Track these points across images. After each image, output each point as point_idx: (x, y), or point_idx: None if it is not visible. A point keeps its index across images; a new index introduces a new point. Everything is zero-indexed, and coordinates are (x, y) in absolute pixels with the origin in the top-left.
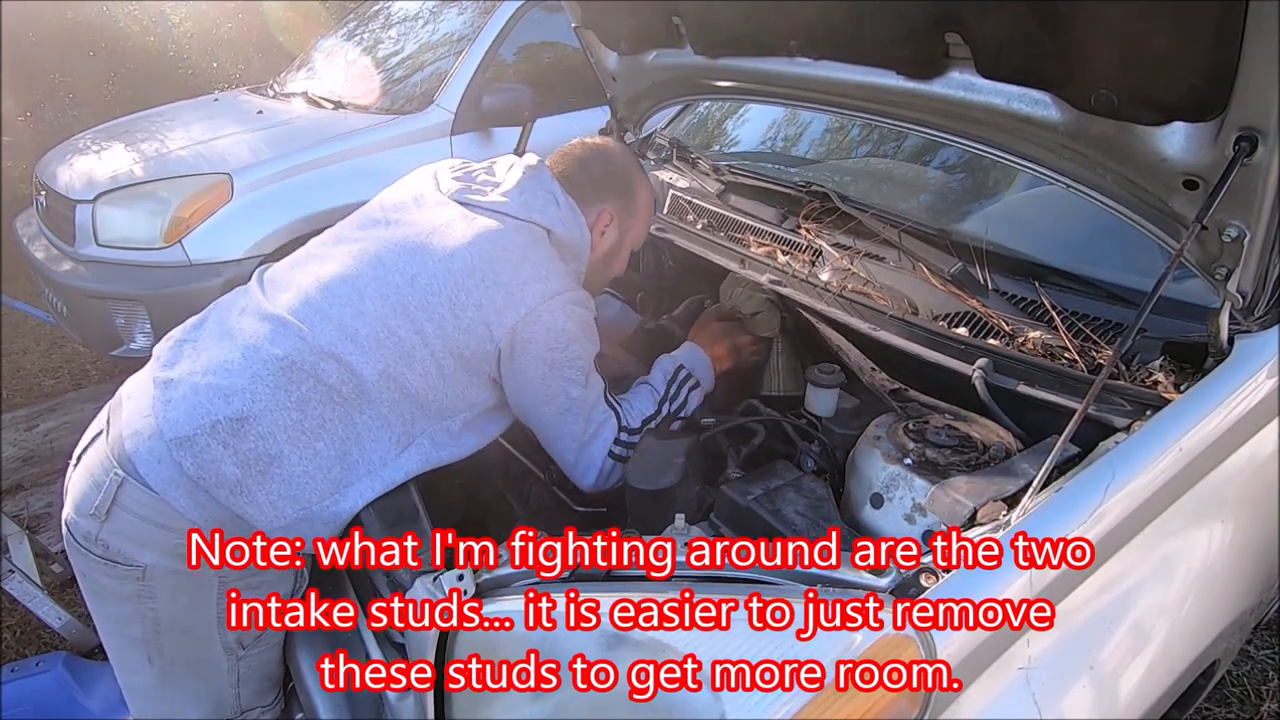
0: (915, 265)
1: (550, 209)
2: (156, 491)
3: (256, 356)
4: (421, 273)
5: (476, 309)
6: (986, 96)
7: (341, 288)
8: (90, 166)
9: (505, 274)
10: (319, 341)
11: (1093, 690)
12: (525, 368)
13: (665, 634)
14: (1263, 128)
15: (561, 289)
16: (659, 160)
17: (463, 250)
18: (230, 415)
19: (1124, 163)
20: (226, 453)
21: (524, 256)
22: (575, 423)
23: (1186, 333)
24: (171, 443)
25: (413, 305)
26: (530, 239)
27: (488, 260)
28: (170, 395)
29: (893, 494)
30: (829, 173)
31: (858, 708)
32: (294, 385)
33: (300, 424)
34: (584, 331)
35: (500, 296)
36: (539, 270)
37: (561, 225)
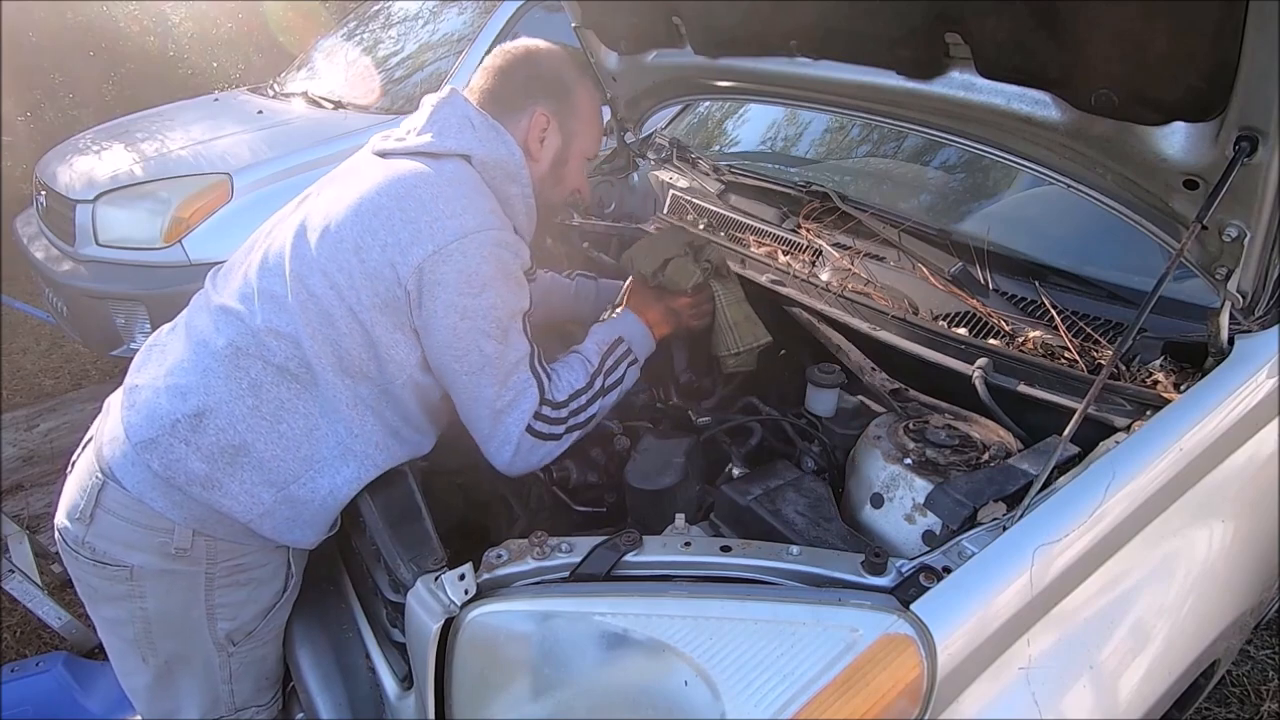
0: (915, 265)
1: (466, 133)
2: (133, 493)
3: (205, 350)
4: (331, 223)
5: (382, 249)
6: (987, 96)
7: (270, 261)
8: (90, 166)
9: (414, 210)
10: (256, 321)
11: (1093, 690)
12: (435, 315)
13: (665, 634)
14: (1263, 128)
15: (480, 226)
16: (659, 160)
17: (371, 192)
18: (188, 413)
19: (1124, 163)
20: (190, 450)
21: (438, 193)
22: (489, 385)
23: (1187, 332)
24: (138, 446)
25: (324, 257)
26: (448, 173)
27: (396, 198)
28: (134, 400)
29: (893, 494)
30: (829, 173)
31: (858, 707)
32: (243, 372)
33: (257, 410)
34: (504, 277)
35: (406, 234)
36: (454, 206)
37: (481, 146)
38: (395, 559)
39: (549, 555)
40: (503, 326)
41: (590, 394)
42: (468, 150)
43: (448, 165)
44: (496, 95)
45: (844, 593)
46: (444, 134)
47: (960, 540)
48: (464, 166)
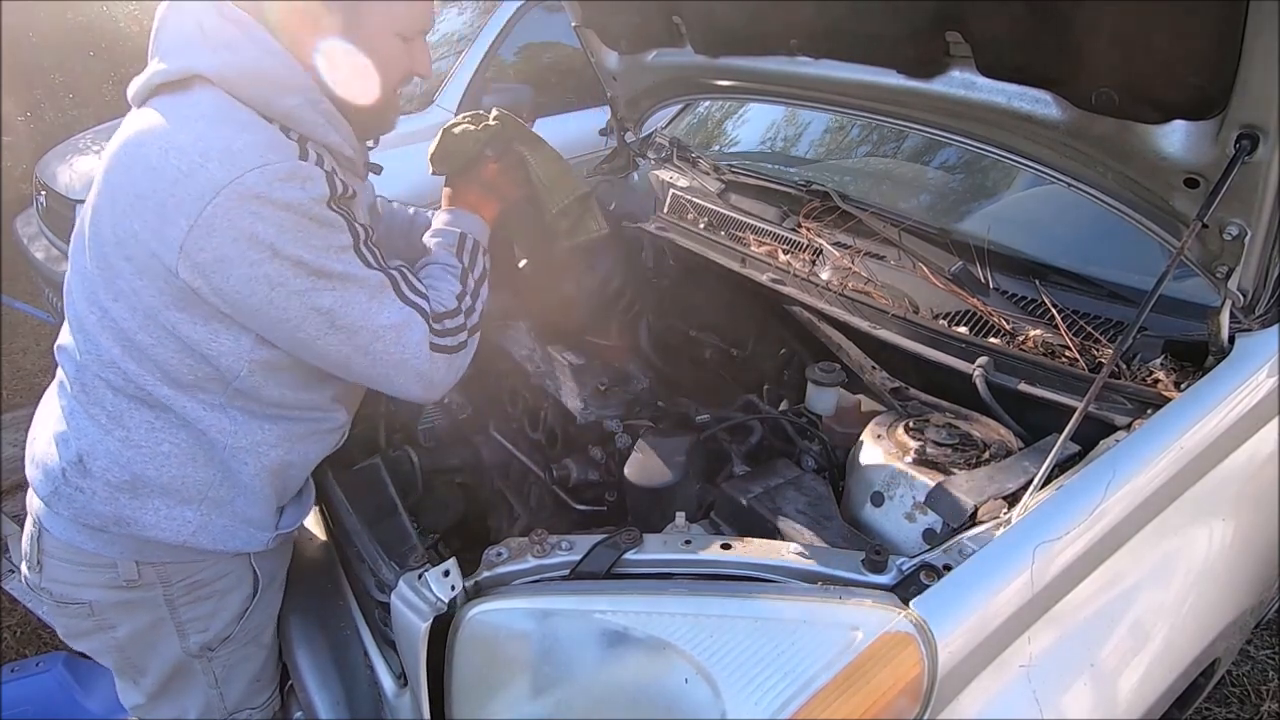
0: (916, 264)
1: (194, 45)
2: (63, 540)
3: (64, 392)
4: (91, 224)
5: (137, 240)
6: (987, 95)
7: (71, 285)
8: (90, 166)
9: (145, 180)
10: (79, 355)
11: (1093, 688)
12: (238, 295)
13: (665, 632)
14: (1263, 126)
15: (232, 174)
16: (659, 160)
17: (108, 169)
18: (71, 459)
19: (1125, 161)
20: (88, 495)
21: (166, 145)
22: (357, 340)
23: (1187, 331)
24: (45, 500)
25: (97, 267)
26: (178, 112)
27: (126, 170)
28: (32, 454)
29: (893, 492)
30: (829, 172)
31: (858, 705)
32: (98, 406)
33: (129, 440)
34: (297, 221)
35: (151, 213)
36: (189, 158)
37: (215, 55)
38: (376, 559)
39: (549, 553)
40: (329, 273)
41: (471, 292)
42: (199, 67)
43: (181, 100)
44: None
45: (844, 591)
46: (170, 52)
47: (961, 538)
48: (202, 93)
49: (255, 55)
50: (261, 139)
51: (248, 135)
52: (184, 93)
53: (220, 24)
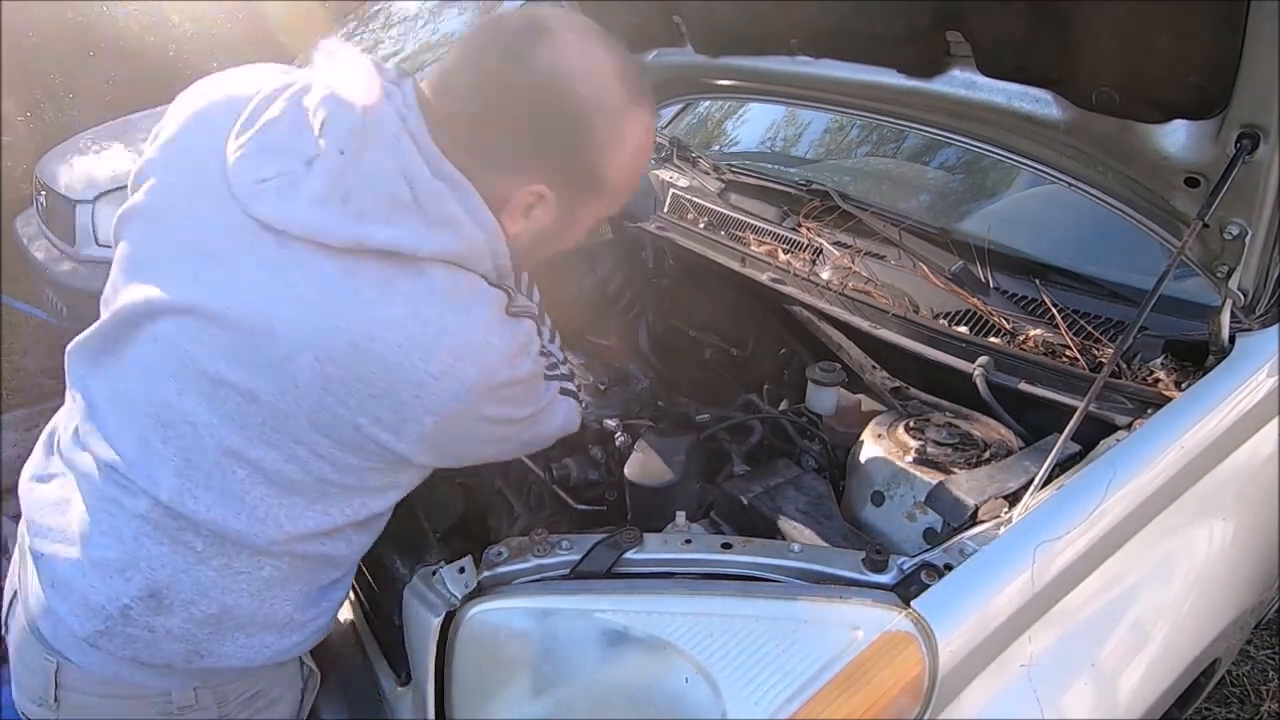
0: (916, 264)
1: (407, 214)
2: (102, 674)
3: (122, 511)
4: (257, 386)
5: (356, 429)
6: (987, 95)
7: (167, 412)
8: (90, 166)
9: (381, 382)
10: (166, 493)
11: (1094, 688)
12: (461, 455)
13: (666, 631)
14: (1264, 125)
15: (480, 376)
16: (659, 159)
17: (301, 353)
18: (137, 595)
19: (1125, 161)
20: (157, 635)
21: (402, 342)
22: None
23: (1188, 331)
24: (88, 639)
25: (268, 430)
26: (395, 293)
27: (345, 365)
28: (52, 577)
29: (894, 492)
30: (829, 172)
31: (859, 705)
32: (191, 530)
33: (229, 566)
34: (527, 389)
35: (387, 411)
36: (436, 359)
37: (435, 235)
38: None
39: (549, 553)
40: (535, 412)
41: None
42: (419, 250)
43: (399, 277)
44: (475, 137)
45: (845, 590)
46: (373, 213)
47: (961, 538)
48: (426, 272)
49: (478, 238)
50: (494, 313)
51: (481, 313)
52: (396, 267)
53: (435, 190)
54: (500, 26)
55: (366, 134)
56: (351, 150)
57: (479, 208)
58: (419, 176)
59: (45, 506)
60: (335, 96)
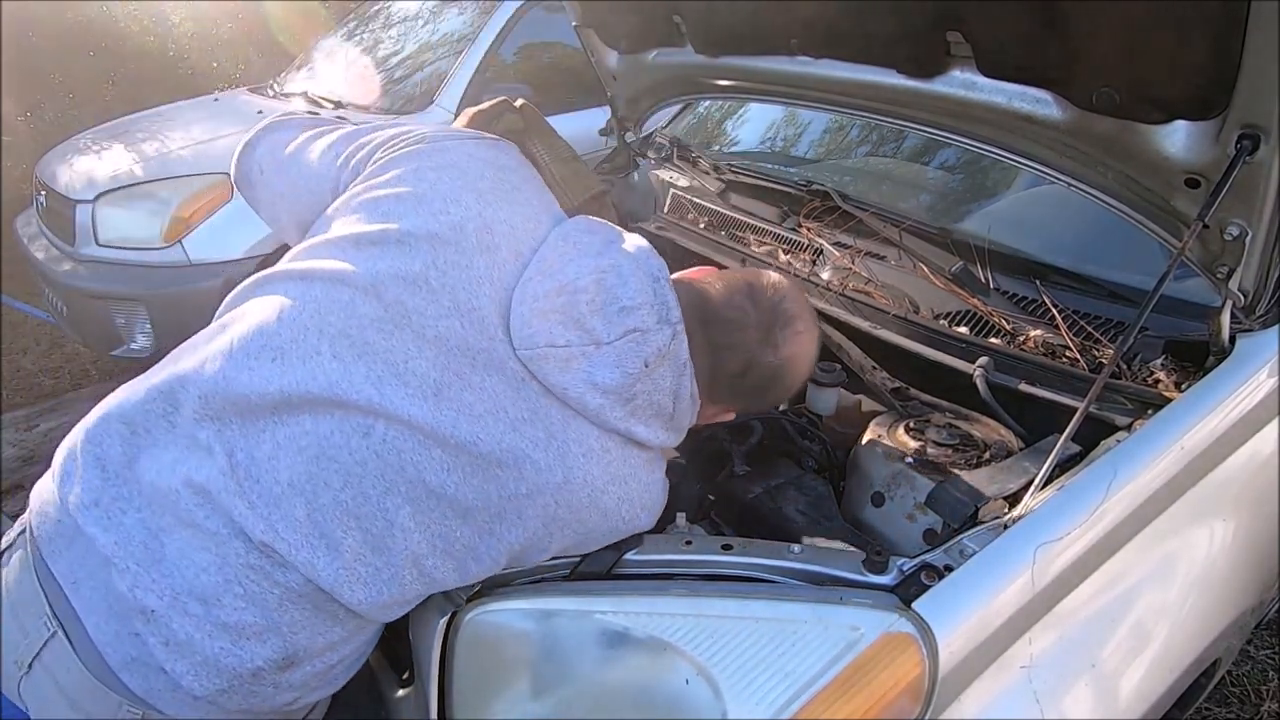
0: (916, 264)
1: (663, 417)
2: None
3: (267, 582)
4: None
5: (543, 552)
6: (988, 95)
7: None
8: (90, 166)
9: (592, 522)
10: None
11: (1094, 689)
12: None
13: (666, 632)
14: (1265, 126)
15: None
16: (659, 159)
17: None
18: (271, 658)
19: (1125, 161)
20: (280, 690)
21: (619, 497)
22: None
23: (1188, 331)
24: (207, 697)
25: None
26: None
27: (575, 509)
28: (169, 637)
29: (894, 492)
30: (829, 172)
31: (859, 706)
32: (331, 608)
33: (359, 627)
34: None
35: (574, 539)
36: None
37: (668, 436)
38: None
39: None
40: None
41: None
42: (653, 443)
43: (630, 451)
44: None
45: (845, 591)
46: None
47: (961, 539)
48: (650, 453)
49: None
50: (660, 477)
51: (661, 473)
52: (634, 448)
53: (686, 410)
54: (760, 304)
55: (665, 358)
56: (652, 366)
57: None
58: (682, 400)
59: (131, 549)
60: (653, 310)
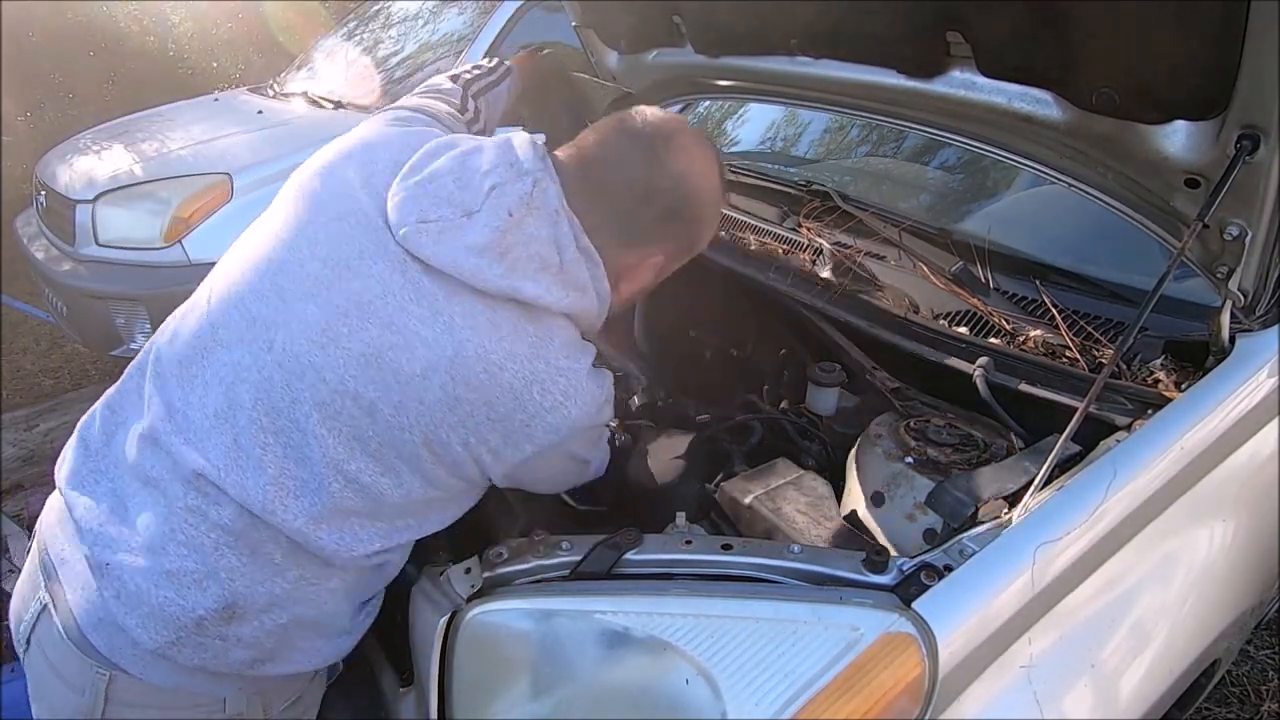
0: (916, 264)
1: (550, 274)
2: (162, 685)
3: (203, 522)
4: (381, 399)
5: (465, 447)
6: (987, 95)
7: (276, 420)
8: (90, 166)
9: (503, 407)
10: (257, 502)
11: (1094, 689)
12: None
13: (666, 632)
14: (1264, 126)
15: (581, 416)
16: None
17: (437, 373)
18: (212, 607)
19: (1125, 161)
20: (228, 643)
21: (527, 376)
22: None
23: (1188, 331)
24: (157, 650)
25: (374, 442)
26: (529, 335)
27: (476, 388)
28: (119, 588)
29: (894, 492)
30: (829, 172)
31: (859, 706)
32: (272, 541)
33: (304, 577)
34: (601, 434)
35: (497, 435)
36: (550, 394)
37: (568, 296)
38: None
39: (549, 553)
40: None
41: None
42: (552, 306)
43: (533, 324)
44: (619, 223)
45: (845, 591)
46: (525, 268)
47: (961, 539)
48: (554, 325)
49: (594, 301)
50: (591, 364)
51: (586, 362)
52: (531, 314)
53: (577, 262)
54: (635, 133)
55: (532, 204)
56: (518, 215)
57: (602, 279)
58: (567, 248)
59: (99, 513)
60: (510, 167)
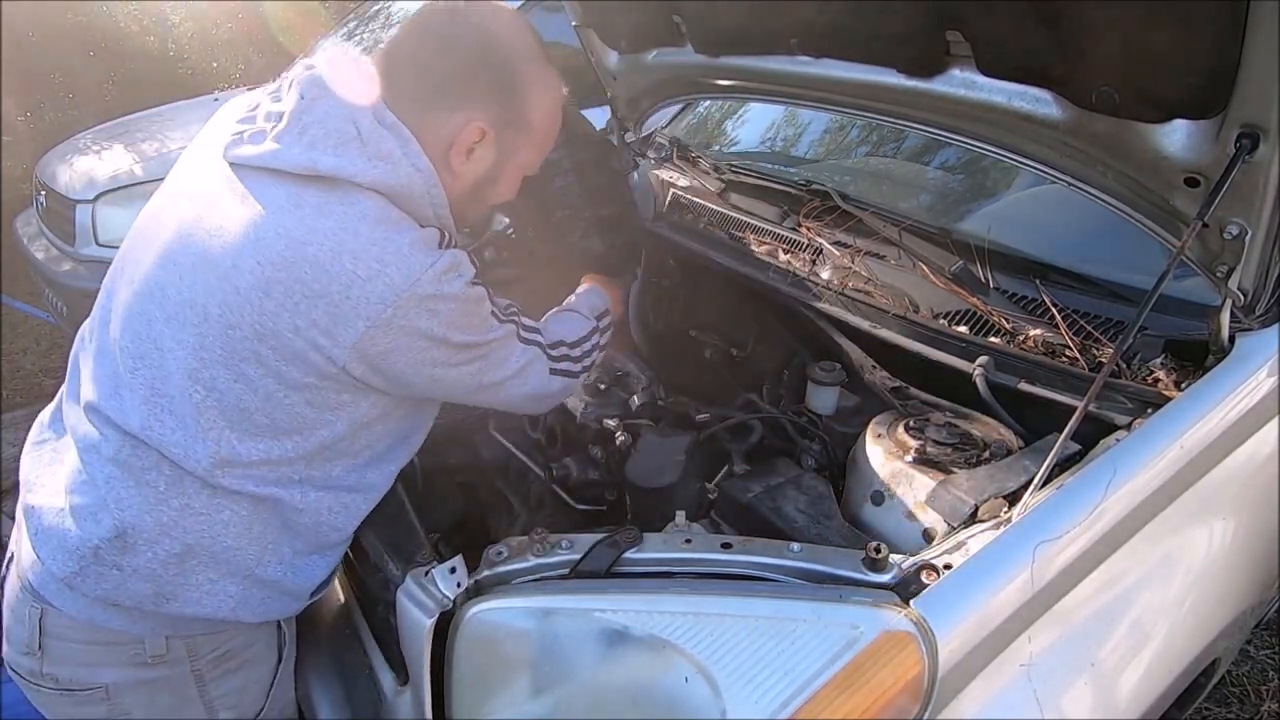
0: (916, 263)
1: (350, 148)
2: (80, 618)
3: (97, 457)
4: (209, 300)
5: (295, 333)
6: (987, 94)
7: (139, 343)
8: (90, 166)
9: (316, 282)
10: (135, 423)
11: (1093, 688)
12: (399, 376)
13: (665, 631)
14: (1264, 125)
15: (406, 280)
16: (659, 159)
17: (244, 259)
18: (105, 536)
19: (1125, 160)
20: (125, 574)
21: (335, 248)
22: (497, 390)
23: (1188, 331)
24: (64, 580)
25: (218, 347)
26: (332, 211)
27: (283, 266)
28: (37, 525)
29: (894, 491)
30: (829, 172)
31: (859, 705)
32: (154, 469)
33: (188, 506)
34: (461, 312)
35: (321, 313)
36: (364, 262)
37: (373, 166)
38: (382, 556)
39: (549, 552)
40: (479, 343)
41: (590, 346)
42: (357, 177)
43: (337, 200)
44: (423, 83)
45: (845, 590)
46: (321, 146)
47: (961, 537)
48: (360, 198)
49: (409, 173)
50: (421, 238)
51: (412, 234)
52: (337, 192)
53: (378, 133)
54: (434, 9)
55: (326, 85)
56: (311, 96)
57: (416, 152)
58: (364, 120)
59: (39, 465)
60: (311, 69)
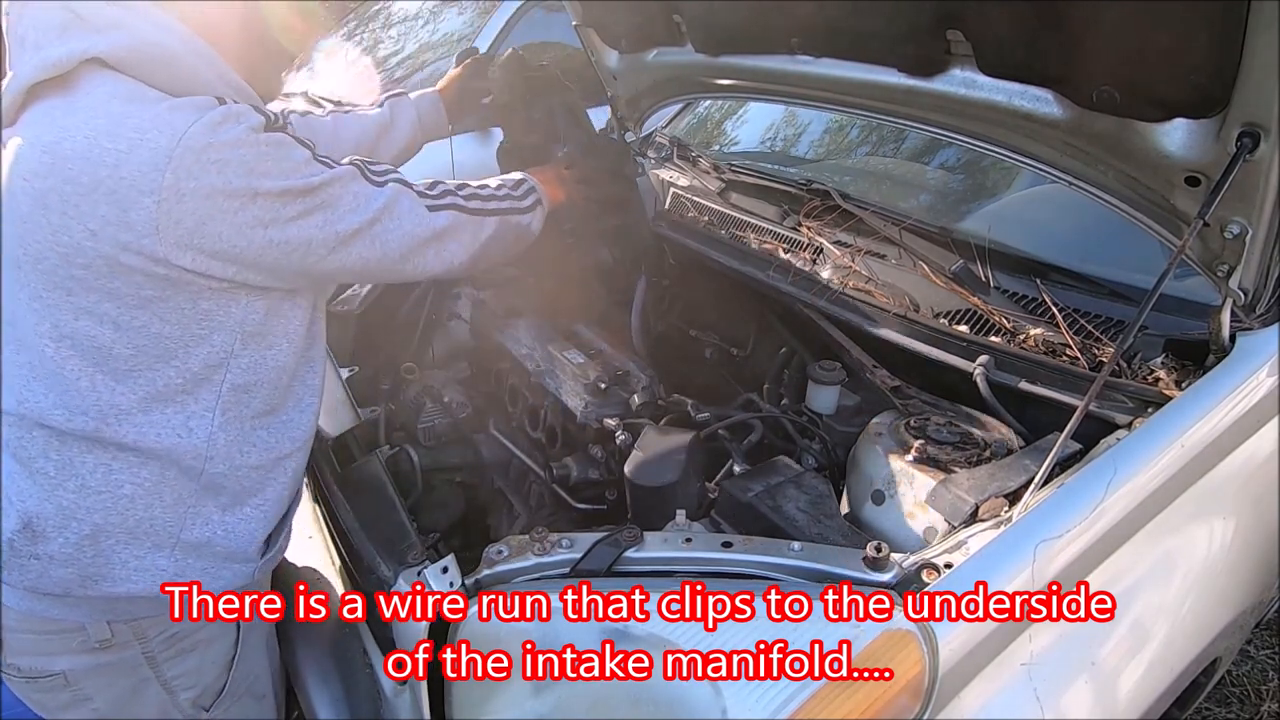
0: (916, 263)
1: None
2: (20, 610)
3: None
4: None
5: (92, 238)
6: (988, 94)
7: (8, 328)
8: None
9: (84, 175)
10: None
11: (1094, 687)
12: (234, 249)
13: (665, 629)
14: (1265, 124)
15: (170, 139)
16: (660, 159)
17: (14, 184)
18: (14, 528)
19: (1126, 159)
20: (43, 561)
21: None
22: (374, 243)
23: (1188, 330)
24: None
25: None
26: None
27: (48, 176)
28: None
29: (894, 491)
30: (829, 172)
31: (859, 703)
32: (42, 456)
33: (85, 487)
34: (257, 156)
35: (104, 206)
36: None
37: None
38: (374, 557)
39: (549, 551)
40: (307, 188)
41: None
42: (88, 51)
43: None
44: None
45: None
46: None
47: (961, 536)
48: (101, 77)
49: (150, 32)
50: (183, 102)
51: (172, 100)
52: (80, 86)
53: (96, 6)
54: None
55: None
56: (16, 11)
57: (145, 9)
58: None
59: None
60: None
